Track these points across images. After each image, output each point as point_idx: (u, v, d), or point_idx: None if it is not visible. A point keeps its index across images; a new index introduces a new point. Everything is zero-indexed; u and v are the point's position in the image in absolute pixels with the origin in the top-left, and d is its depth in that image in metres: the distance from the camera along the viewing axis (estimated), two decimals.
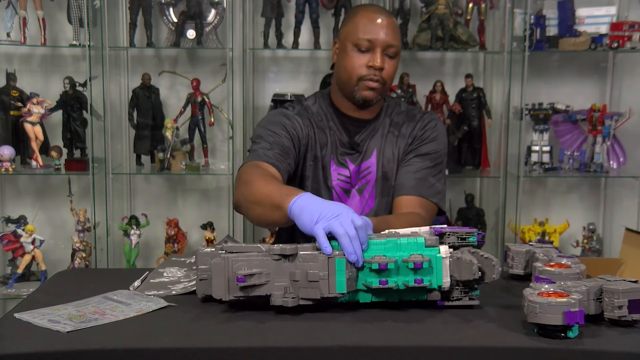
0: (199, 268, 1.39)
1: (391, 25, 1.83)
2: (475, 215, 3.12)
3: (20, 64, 3.11)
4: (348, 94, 1.87)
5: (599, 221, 3.25)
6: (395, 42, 1.83)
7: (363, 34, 1.81)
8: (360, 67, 1.82)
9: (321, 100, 1.96)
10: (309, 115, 1.91)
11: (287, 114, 1.89)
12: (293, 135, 1.84)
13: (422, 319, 1.32)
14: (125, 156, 3.15)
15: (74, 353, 1.15)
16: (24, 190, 3.18)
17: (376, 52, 1.81)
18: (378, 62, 1.80)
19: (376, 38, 1.80)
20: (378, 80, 1.82)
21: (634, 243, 2.79)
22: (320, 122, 1.91)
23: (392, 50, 1.83)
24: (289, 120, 1.86)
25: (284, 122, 1.85)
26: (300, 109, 1.92)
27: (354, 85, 1.83)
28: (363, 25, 1.82)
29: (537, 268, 1.42)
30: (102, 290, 1.46)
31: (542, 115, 3.05)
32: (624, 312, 1.25)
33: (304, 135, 1.87)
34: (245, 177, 1.67)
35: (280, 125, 1.84)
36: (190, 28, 2.99)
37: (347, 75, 1.84)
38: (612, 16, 3.01)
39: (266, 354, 1.17)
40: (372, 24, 1.82)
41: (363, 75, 1.82)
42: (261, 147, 1.78)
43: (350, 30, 1.84)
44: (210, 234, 3.00)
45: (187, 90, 3.05)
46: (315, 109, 1.93)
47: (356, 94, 1.84)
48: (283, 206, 1.46)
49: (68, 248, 3.02)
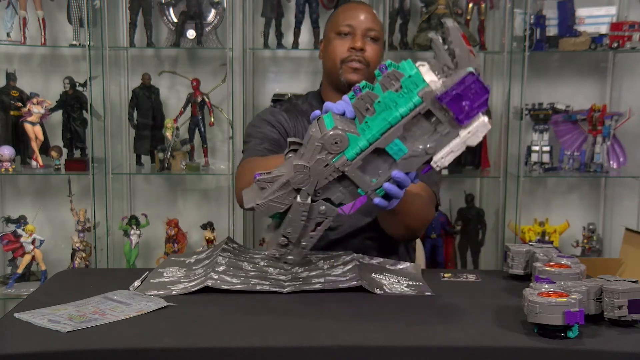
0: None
1: (370, 12, 1.97)
2: (475, 215, 3.11)
3: (20, 64, 3.11)
4: (335, 81, 1.95)
5: (599, 221, 3.25)
6: (375, 26, 1.93)
7: (343, 20, 1.93)
8: (342, 51, 1.92)
9: (312, 98, 2.04)
10: (298, 112, 1.99)
11: (272, 111, 1.99)
12: (279, 127, 1.93)
13: (422, 319, 1.32)
14: (125, 156, 3.15)
15: (74, 353, 1.15)
16: (24, 190, 3.18)
17: (356, 35, 1.91)
18: (359, 43, 1.90)
19: (356, 22, 1.91)
20: (360, 61, 1.90)
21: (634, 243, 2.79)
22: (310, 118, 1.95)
23: (373, 34, 1.92)
24: (273, 116, 1.96)
25: (269, 118, 1.95)
26: (288, 106, 2.02)
27: (339, 69, 1.92)
28: (343, 13, 1.95)
29: (537, 268, 1.42)
30: (102, 290, 1.46)
31: (542, 115, 3.05)
32: (624, 312, 1.25)
33: (290, 127, 1.94)
34: (244, 172, 1.74)
35: (265, 121, 1.94)
36: (190, 28, 2.99)
37: (331, 61, 1.94)
38: (612, 16, 3.01)
39: (266, 354, 1.17)
40: (351, 11, 1.95)
41: (345, 57, 1.91)
42: (252, 144, 1.88)
43: (332, 22, 1.97)
44: (210, 234, 3.00)
45: (187, 90, 3.05)
46: (305, 107, 2.01)
47: (341, 77, 1.92)
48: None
49: (68, 248, 3.02)
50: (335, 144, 1.30)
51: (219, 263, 1.60)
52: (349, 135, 1.30)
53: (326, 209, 1.34)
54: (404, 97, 1.27)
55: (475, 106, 1.25)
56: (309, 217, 1.34)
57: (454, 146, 1.27)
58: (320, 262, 1.66)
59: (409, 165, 1.30)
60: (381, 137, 1.29)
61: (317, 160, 1.31)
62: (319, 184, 1.32)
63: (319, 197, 1.34)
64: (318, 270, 1.61)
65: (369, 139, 1.29)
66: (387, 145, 1.29)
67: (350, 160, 1.30)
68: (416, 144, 1.29)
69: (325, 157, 1.31)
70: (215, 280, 1.49)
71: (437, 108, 1.26)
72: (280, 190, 1.34)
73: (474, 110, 1.25)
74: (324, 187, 1.33)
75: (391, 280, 1.56)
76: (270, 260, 1.60)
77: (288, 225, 1.35)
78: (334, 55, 1.93)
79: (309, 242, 1.38)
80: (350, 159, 1.30)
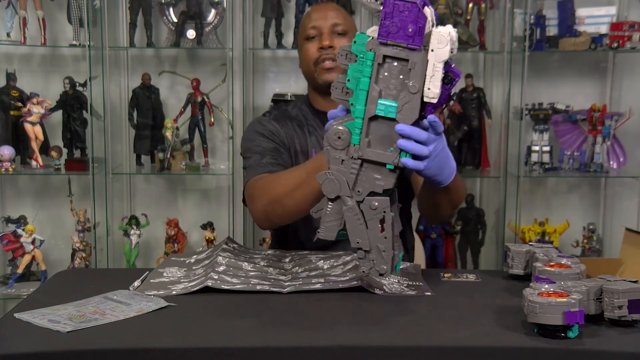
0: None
1: (334, 8, 1.97)
2: (475, 215, 3.11)
3: (20, 64, 3.11)
4: (315, 84, 1.94)
5: (599, 221, 3.25)
6: (339, 20, 1.92)
7: (308, 23, 1.93)
8: (313, 53, 1.92)
9: (300, 103, 2.03)
10: (288, 118, 1.98)
11: (262, 120, 1.97)
12: (272, 137, 1.91)
13: (422, 319, 1.32)
14: (125, 156, 3.15)
15: (74, 353, 1.15)
16: (24, 190, 3.18)
17: (323, 34, 1.91)
18: (326, 42, 1.89)
19: (320, 23, 1.91)
20: (332, 58, 1.88)
21: (634, 243, 2.79)
22: (300, 122, 1.97)
23: (340, 29, 1.92)
24: (263, 125, 1.94)
25: (260, 130, 1.93)
26: (277, 113, 2.00)
27: (314, 72, 1.92)
28: (307, 18, 1.96)
29: (537, 268, 1.42)
30: (102, 290, 1.46)
31: (542, 115, 3.05)
32: (624, 312, 1.25)
33: (282, 133, 1.93)
34: (257, 191, 1.72)
35: (258, 134, 1.92)
36: (190, 28, 2.99)
37: (306, 65, 1.94)
38: (612, 16, 3.01)
39: (266, 354, 1.17)
40: (315, 13, 1.95)
41: (317, 58, 1.91)
42: (254, 161, 1.85)
43: (300, 29, 1.98)
44: (210, 234, 3.00)
45: (187, 90, 3.05)
46: (295, 112, 2.00)
47: (318, 79, 1.91)
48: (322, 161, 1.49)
49: (68, 248, 3.02)
50: (339, 139, 1.31)
51: (219, 263, 1.60)
52: (346, 124, 1.31)
53: (377, 203, 1.32)
54: (363, 62, 1.29)
55: (413, 22, 1.26)
56: (365, 219, 1.33)
57: (430, 70, 1.28)
58: (320, 262, 1.66)
59: (407, 115, 1.29)
60: (367, 107, 1.30)
61: (333, 161, 1.32)
62: (350, 182, 1.32)
63: (362, 194, 1.32)
64: (318, 270, 1.61)
65: (359, 115, 1.30)
66: (377, 110, 1.29)
67: (357, 144, 1.30)
68: (401, 94, 1.29)
69: (338, 155, 1.31)
70: (215, 280, 1.49)
71: (389, 50, 1.28)
72: (328, 209, 1.34)
73: (416, 27, 1.26)
74: (358, 183, 1.32)
75: (391, 280, 1.56)
76: (364, 279, 1.51)
77: (352, 236, 1.34)
78: (307, 59, 1.92)
79: (386, 244, 1.34)
80: (357, 143, 1.30)
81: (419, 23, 1.26)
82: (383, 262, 1.33)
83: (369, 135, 1.30)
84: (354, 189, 1.32)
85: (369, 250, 1.33)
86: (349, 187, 1.32)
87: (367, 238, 1.33)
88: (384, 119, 1.29)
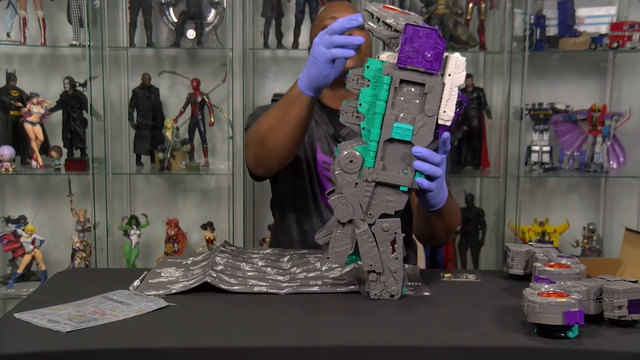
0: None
1: (352, 8, 1.99)
2: (475, 215, 3.11)
3: (20, 64, 3.11)
4: None
5: (599, 221, 3.25)
6: None
7: (326, 15, 1.93)
8: None
9: None
10: None
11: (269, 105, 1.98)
12: None
13: (422, 319, 1.32)
14: (125, 156, 3.15)
15: (74, 353, 1.15)
16: (24, 190, 3.18)
17: None
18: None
19: (340, 14, 1.88)
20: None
21: (634, 243, 2.79)
22: None
23: None
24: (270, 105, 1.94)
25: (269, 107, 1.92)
26: None
27: None
28: (326, 12, 1.97)
29: (537, 268, 1.42)
30: (102, 290, 1.46)
31: (542, 115, 3.05)
32: (624, 312, 1.25)
33: None
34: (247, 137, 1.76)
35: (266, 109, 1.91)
36: (190, 28, 2.99)
37: None
38: (612, 16, 3.01)
39: (266, 354, 1.17)
40: (333, 6, 1.96)
41: None
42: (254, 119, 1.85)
43: (317, 22, 1.98)
44: (210, 234, 3.00)
45: (187, 90, 3.05)
46: None
47: None
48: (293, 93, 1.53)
49: (68, 248, 3.02)
50: (351, 162, 1.33)
51: (217, 263, 1.60)
52: (357, 148, 1.33)
53: (389, 224, 1.36)
54: (378, 86, 1.32)
55: (432, 47, 1.28)
56: (377, 241, 1.36)
57: (447, 94, 1.31)
58: (318, 264, 1.66)
59: (423, 137, 1.32)
60: (382, 130, 1.31)
61: (346, 184, 1.34)
62: (363, 205, 1.34)
63: (374, 217, 1.35)
64: (316, 271, 1.60)
65: (374, 139, 1.32)
66: (393, 134, 1.31)
67: (372, 167, 1.32)
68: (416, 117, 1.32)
69: (352, 178, 1.33)
70: (214, 277, 1.49)
71: (407, 74, 1.30)
72: (338, 233, 1.36)
73: (435, 53, 1.29)
74: (370, 205, 1.35)
75: None
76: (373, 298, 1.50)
77: (365, 259, 1.36)
78: None
79: (397, 265, 1.38)
80: (372, 166, 1.32)
81: (438, 49, 1.29)
82: (394, 282, 1.39)
83: (384, 158, 1.33)
84: (367, 212, 1.35)
85: (381, 272, 1.37)
86: (362, 210, 1.34)
87: (380, 260, 1.35)
88: (398, 142, 1.32)
